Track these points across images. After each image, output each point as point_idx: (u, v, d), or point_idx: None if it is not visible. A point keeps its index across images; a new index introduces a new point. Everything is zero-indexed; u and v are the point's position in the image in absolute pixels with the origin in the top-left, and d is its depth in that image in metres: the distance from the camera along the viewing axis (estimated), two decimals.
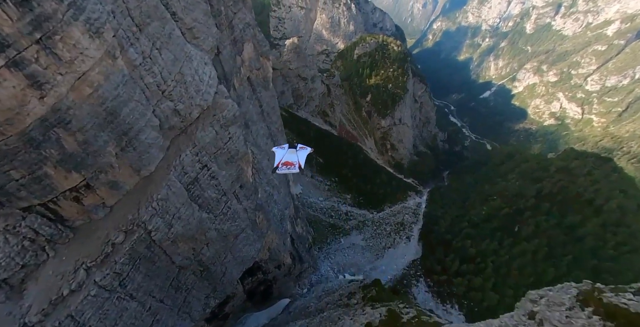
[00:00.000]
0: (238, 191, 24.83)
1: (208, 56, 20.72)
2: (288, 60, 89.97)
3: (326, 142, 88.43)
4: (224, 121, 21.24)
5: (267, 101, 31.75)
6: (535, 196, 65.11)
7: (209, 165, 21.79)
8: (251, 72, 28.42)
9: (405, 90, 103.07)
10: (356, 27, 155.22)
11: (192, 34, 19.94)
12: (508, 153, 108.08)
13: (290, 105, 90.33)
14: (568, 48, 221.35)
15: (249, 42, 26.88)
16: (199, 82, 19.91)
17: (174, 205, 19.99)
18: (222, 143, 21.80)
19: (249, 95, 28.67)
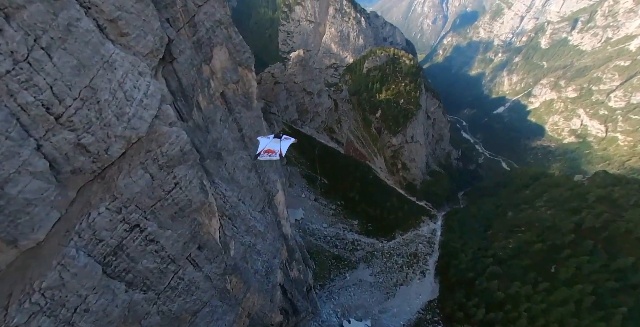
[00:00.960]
0: (195, 255, 17.28)
1: (146, 63, 13.88)
2: (293, 74, 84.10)
3: (332, 160, 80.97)
4: (165, 160, 13.94)
5: (249, 123, 24.66)
6: (574, 231, 55.58)
7: (142, 224, 14.29)
8: (226, 87, 21.50)
9: (418, 106, 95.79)
10: (366, 41, 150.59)
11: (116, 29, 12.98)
12: (532, 175, 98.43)
13: (294, 121, 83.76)
14: (587, 63, 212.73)
15: (221, 47, 20.01)
16: (125, 102, 12.61)
17: (76, 292, 12.35)
18: (164, 191, 14.46)
19: (224, 116, 21.64)
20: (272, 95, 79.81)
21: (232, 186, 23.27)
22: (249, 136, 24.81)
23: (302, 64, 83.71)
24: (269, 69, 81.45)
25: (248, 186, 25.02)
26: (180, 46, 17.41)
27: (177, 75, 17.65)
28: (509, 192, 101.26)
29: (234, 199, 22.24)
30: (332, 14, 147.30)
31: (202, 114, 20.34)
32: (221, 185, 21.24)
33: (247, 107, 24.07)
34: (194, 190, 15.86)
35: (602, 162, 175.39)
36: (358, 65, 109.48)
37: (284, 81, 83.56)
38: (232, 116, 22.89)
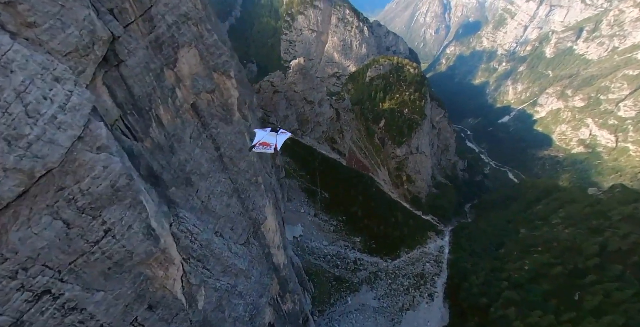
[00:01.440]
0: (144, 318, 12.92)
1: (67, 65, 9.96)
2: (293, 82, 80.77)
3: (333, 173, 76.63)
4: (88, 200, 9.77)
5: (229, 140, 20.49)
6: (598, 254, 50.46)
7: (55, 289, 10.02)
8: (198, 97, 17.53)
9: (423, 116, 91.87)
10: (369, 50, 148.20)
11: (16, 16, 9.09)
12: (544, 188, 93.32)
13: (294, 131, 79.87)
14: (594, 72, 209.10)
15: (190, 48, 16.00)
16: (23, 120, 8.55)
17: None
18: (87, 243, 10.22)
19: (195, 133, 17.60)
20: (271, 104, 76.31)
21: (205, 217, 18.97)
22: (228, 156, 20.60)
23: (302, 72, 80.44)
24: (268, 78, 78.24)
25: (228, 215, 20.70)
26: (130, 45, 13.25)
27: (125, 82, 13.52)
28: (519, 206, 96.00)
29: (206, 234, 18.03)
30: (335, 23, 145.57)
31: (165, 131, 16.14)
32: (189, 219, 17.03)
33: (227, 122, 20.02)
34: (135, 237, 11.46)
35: (614, 174, 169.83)
36: (361, 74, 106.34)
37: (283, 90, 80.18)
38: (206, 132, 18.79)
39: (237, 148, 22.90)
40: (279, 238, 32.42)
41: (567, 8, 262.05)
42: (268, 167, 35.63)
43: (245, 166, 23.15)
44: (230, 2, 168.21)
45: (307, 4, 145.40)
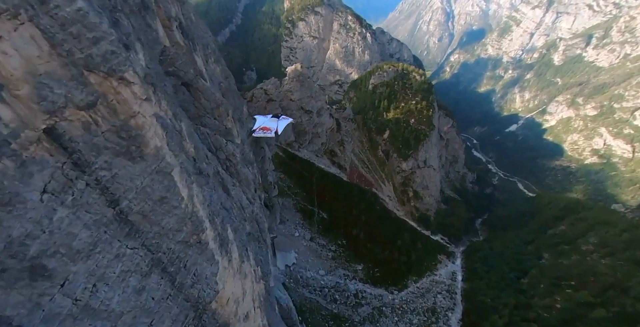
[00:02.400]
0: None
1: None
2: (289, 90, 73.05)
3: (333, 189, 68.13)
4: None
5: (139, 187, 12.68)
6: None
7: None
8: (57, 117, 9.75)
9: (431, 127, 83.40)
10: (372, 56, 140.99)
11: None
12: (566, 205, 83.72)
13: (290, 143, 71.88)
14: (606, 80, 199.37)
15: (18, 23, 8.35)
16: None
17: None
18: None
19: (56, 183, 9.84)
20: (265, 114, 68.47)
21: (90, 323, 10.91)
22: (139, 211, 12.52)
23: (299, 79, 72.77)
24: (262, 85, 70.66)
25: (139, 306, 12.66)
26: None
27: None
28: (538, 224, 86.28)
29: None
30: (337, 29, 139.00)
31: None
32: None
33: (131, 157, 12.14)
34: None
35: (632, 186, 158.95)
36: (363, 82, 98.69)
37: (279, 98, 72.46)
38: (86, 178, 10.92)
39: (157, 197, 14.29)
40: (242, 308, 23.64)
41: (574, 15, 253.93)
42: (250, 192, 27.39)
43: (175, 223, 14.20)
44: (231, 9, 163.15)
45: (308, 11, 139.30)
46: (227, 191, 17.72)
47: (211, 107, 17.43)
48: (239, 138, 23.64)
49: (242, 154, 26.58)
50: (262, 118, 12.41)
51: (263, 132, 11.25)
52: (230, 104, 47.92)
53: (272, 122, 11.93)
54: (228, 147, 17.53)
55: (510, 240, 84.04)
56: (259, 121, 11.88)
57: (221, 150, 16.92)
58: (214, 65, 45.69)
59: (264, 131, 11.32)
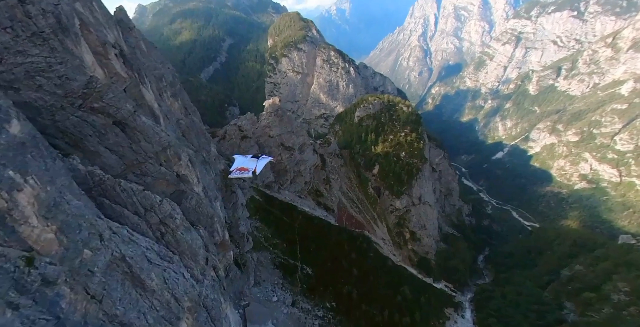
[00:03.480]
0: None
1: None
2: (267, 126, 65.21)
3: (319, 237, 57.58)
4: None
5: None
6: None
7: None
8: None
9: (424, 160, 75.89)
10: (356, 90, 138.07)
11: None
12: (578, 240, 74.72)
13: (269, 184, 62.24)
14: (581, 107, 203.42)
15: None
16: None
17: None
18: None
19: None
20: (240, 153, 59.61)
21: None
22: None
23: (278, 114, 65.37)
24: (236, 121, 62.64)
25: None
26: None
27: None
28: (549, 265, 76.17)
29: None
30: (320, 64, 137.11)
31: None
32: None
33: None
34: None
35: (626, 210, 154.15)
36: (349, 114, 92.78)
37: (256, 135, 64.28)
38: None
39: None
40: None
41: (541, 50, 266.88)
42: (198, 266, 17.99)
43: None
44: (216, 48, 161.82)
45: (291, 47, 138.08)
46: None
47: (155, 151, 14.68)
48: (200, 185, 16.92)
49: (199, 206, 16.94)
50: (242, 158, 10.00)
51: (240, 172, 9.36)
52: (191, 145, 35.84)
53: (251, 162, 9.69)
54: (163, 207, 14.16)
55: (521, 283, 73.05)
56: (237, 161, 9.76)
57: (153, 212, 13.72)
58: (171, 100, 35.40)
59: (241, 172, 9.37)
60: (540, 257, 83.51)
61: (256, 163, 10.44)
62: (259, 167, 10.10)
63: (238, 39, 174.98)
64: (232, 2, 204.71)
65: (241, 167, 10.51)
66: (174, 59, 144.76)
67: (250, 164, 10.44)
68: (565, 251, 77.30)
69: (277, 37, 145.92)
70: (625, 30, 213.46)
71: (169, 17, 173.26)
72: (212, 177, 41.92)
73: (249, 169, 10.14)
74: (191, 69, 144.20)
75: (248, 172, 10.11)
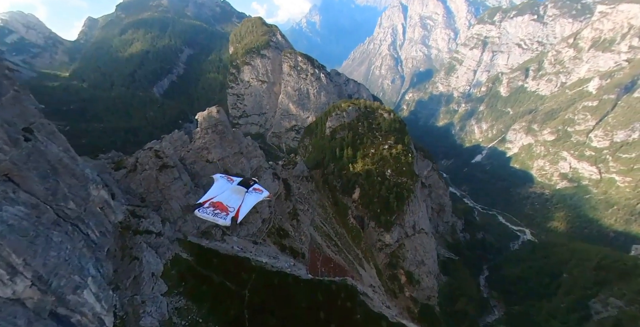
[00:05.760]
0: None
1: None
2: (204, 147, 45.72)
3: (282, 305, 38.21)
4: None
5: None
6: None
7: None
8: None
9: (414, 178, 58.62)
10: (329, 98, 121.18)
11: None
12: (574, 253, 59.73)
13: (206, 232, 42.20)
14: (553, 106, 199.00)
15: None
16: None
17: None
18: None
19: None
20: (157, 189, 39.64)
21: None
22: None
23: (218, 130, 46.18)
24: (153, 144, 42.62)
25: None
26: None
27: None
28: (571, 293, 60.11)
29: None
30: (287, 71, 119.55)
31: None
32: None
33: None
34: None
35: (610, 208, 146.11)
36: (319, 125, 74.90)
37: (188, 161, 44.53)
38: None
39: None
40: None
41: (507, 53, 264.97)
42: None
43: None
44: (171, 60, 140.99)
45: (253, 54, 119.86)
46: None
47: None
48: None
49: None
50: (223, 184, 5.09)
51: (213, 213, 4.27)
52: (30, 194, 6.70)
53: (235, 195, 4.74)
54: None
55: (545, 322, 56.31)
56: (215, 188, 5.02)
57: None
58: None
59: (214, 212, 4.27)
60: (554, 282, 67.60)
61: (242, 200, 5.14)
62: (244, 210, 4.73)
63: (198, 50, 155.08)
64: (192, 12, 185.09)
65: (218, 203, 5.07)
66: (122, 73, 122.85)
67: (232, 199, 5.16)
68: (587, 275, 61.60)
69: (239, 44, 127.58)
70: (585, 30, 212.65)
71: (120, 28, 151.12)
72: (82, 245, 22.54)
73: (229, 211, 4.85)
74: (142, 82, 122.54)
75: (225, 218, 4.60)
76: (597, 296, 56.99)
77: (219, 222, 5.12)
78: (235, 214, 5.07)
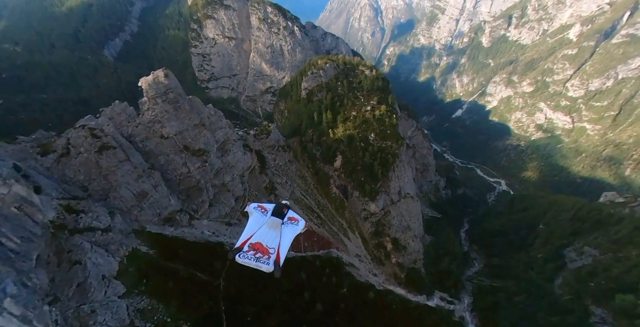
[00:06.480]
0: None
1: None
2: (156, 120, 37.13)
3: (262, 290, 34.61)
4: None
5: None
6: None
7: None
8: None
9: (400, 141, 52.88)
10: (305, 54, 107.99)
11: None
12: (576, 210, 59.68)
13: (169, 218, 36.06)
14: (534, 56, 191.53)
15: None
16: None
17: None
18: None
19: None
20: (100, 175, 32.06)
21: None
22: None
23: (169, 99, 37.14)
24: (85, 121, 33.63)
25: None
26: None
27: None
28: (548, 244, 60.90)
29: None
30: (256, 25, 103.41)
31: None
32: None
33: None
34: None
35: (579, 156, 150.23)
36: (294, 87, 65.35)
37: (138, 138, 36.25)
38: None
39: None
40: None
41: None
42: None
43: None
44: (122, 15, 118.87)
45: (216, 5, 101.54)
46: None
47: None
48: None
49: None
50: (258, 216, 3.37)
51: (255, 257, 2.86)
52: None
53: (272, 231, 3.27)
54: None
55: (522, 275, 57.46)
56: (251, 225, 3.15)
57: None
58: None
59: (256, 256, 2.86)
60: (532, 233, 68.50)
61: (279, 235, 4.24)
62: (284, 248, 3.75)
63: (152, 2, 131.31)
64: None
65: (256, 243, 3.93)
66: (62, 32, 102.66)
67: (270, 238, 4.11)
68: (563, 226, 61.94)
69: None
70: None
71: None
72: None
73: (269, 252, 3.87)
74: (88, 43, 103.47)
75: (268, 261, 3.60)
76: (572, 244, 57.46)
77: (262, 269, 4.03)
78: (276, 257, 4.07)
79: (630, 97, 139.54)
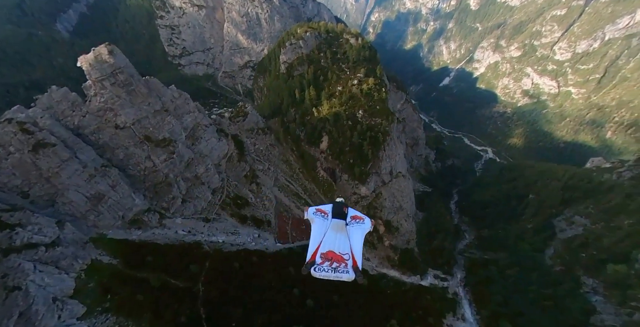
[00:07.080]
0: None
1: None
2: (107, 108, 30.54)
3: (246, 287, 31.32)
4: None
5: None
6: None
7: None
8: None
9: (390, 117, 47.51)
10: (284, 23, 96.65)
11: None
12: (541, 173, 58.34)
13: (136, 220, 31.19)
14: (522, 18, 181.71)
15: None
16: None
17: None
18: None
19: None
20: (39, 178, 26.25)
21: None
22: None
23: (119, 81, 30.16)
24: (12, 113, 26.90)
25: None
26: None
27: None
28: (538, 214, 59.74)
29: None
30: None
31: None
32: None
33: None
34: None
35: (563, 120, 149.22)
36: (273, 61, 57.34)
37: (88, 129, 29.87)
38: None
39: None
40: None
41: None
42: None
43: None
44: None
45: None
46: None
47: None
48: None
49: None
50: (320, 221, 3.05)
51: (332, 268, 2.58)
52: None
53: (339, 233, 2.96)
54: None
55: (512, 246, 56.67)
56: (316, 233, 2.83)
57: None
58: None
59: (332, 267, 2.59)
60: (522, 204, 67.21)
61: (348, 237, 3.64)
62: (357, 250, 3.30)
63: None
64: None
65: (328, 252, 3.38)
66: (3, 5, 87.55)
67: (340, 240, 3.55)
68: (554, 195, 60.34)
69: None
70: None
71: None
72: None
73: (344, 259, 3.36)
74: (37, 17, 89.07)
75: (347, 269, 3.22)
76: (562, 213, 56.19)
77: (343, 279, 3.68)
78: (353, 262, 3.74)
79: (615, 59, 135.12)
